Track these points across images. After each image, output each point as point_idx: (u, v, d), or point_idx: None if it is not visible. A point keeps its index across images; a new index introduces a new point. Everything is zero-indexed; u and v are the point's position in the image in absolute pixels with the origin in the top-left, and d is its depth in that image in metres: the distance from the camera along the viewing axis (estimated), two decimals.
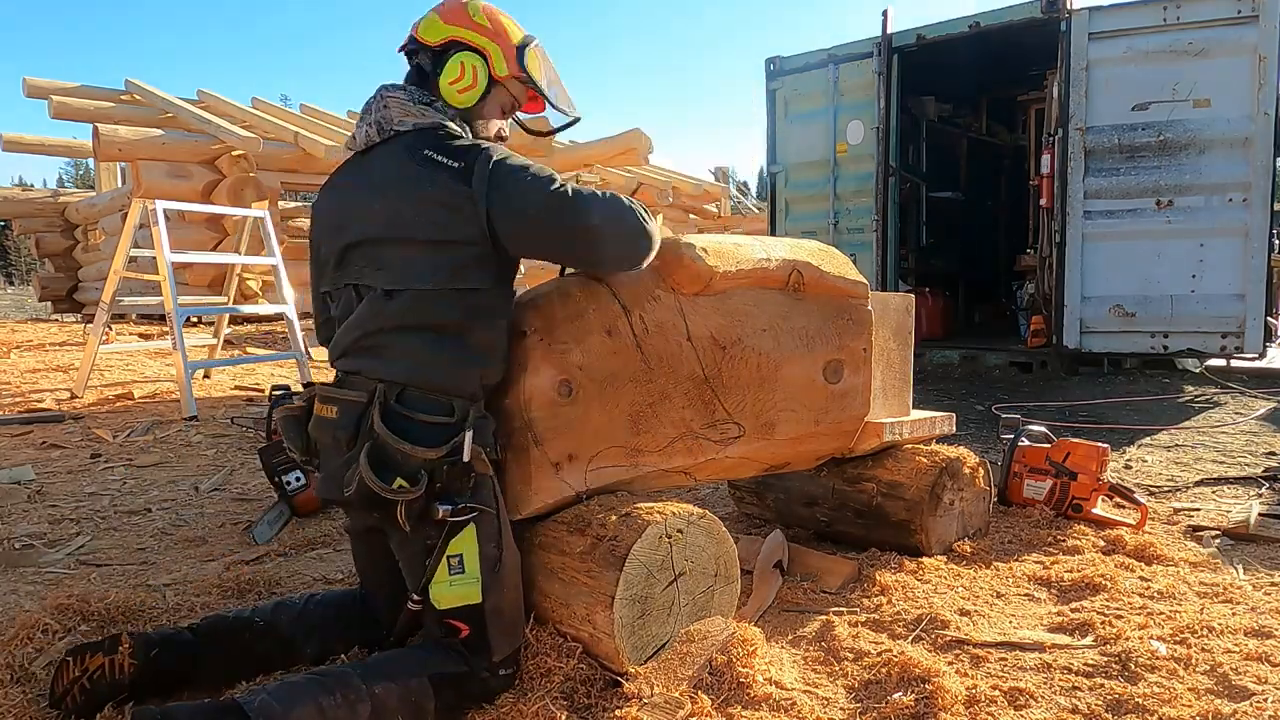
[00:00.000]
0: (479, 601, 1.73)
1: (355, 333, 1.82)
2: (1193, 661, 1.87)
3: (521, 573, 1.86)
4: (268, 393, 4.73)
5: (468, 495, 1.74)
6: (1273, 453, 4.10)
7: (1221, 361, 6.53)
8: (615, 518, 1.86)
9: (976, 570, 2.52)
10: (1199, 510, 3.17)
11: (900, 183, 7.51)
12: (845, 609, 2.25)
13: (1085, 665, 1.89)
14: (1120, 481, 3.15)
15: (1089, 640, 2.01)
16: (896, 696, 1.74)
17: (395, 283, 1.78)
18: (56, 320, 14.06)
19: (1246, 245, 5.92)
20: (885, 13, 7.06)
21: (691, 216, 17.18)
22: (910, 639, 2.04)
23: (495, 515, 1.78)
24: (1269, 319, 6.16)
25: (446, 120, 1.87)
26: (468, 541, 1.73)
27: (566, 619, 1.84)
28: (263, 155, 10.85)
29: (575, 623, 1.82)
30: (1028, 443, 3.16)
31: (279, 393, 3.27)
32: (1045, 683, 1.82)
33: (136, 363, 6.84)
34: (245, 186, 10.49)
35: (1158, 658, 1.88)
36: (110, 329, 6.74)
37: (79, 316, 14.22)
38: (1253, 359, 6.18)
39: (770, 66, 7.88)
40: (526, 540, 1.95)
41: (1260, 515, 2.92)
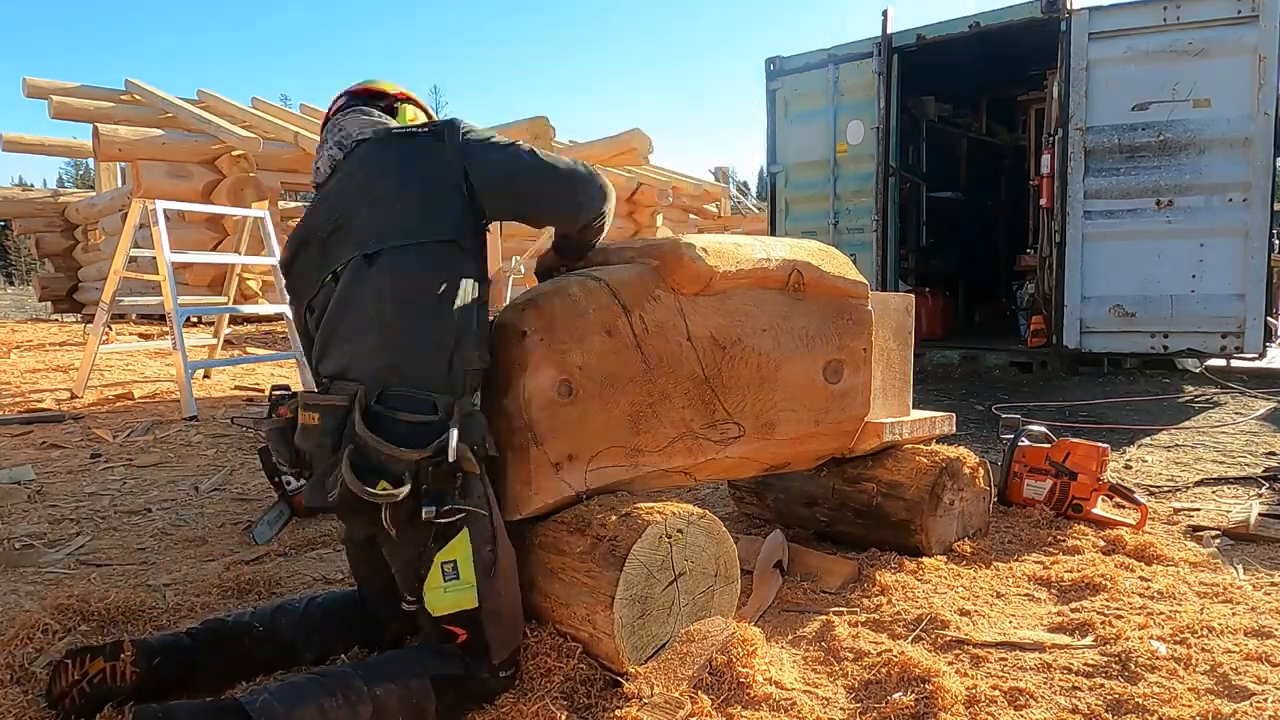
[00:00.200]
0: (475, 607, 1.72)
1: (332, 324, 1.82)
2: (1193, 661, 1.87)
3: (521, 573, 1.85)
4: (268, 393, 4.71)
5: (454, 497, 1.70)
6: (1273, 453, 4.10)
7: (1221, 361, 6.53)
8: (615, 518, 1.86)
9: (976, 570, 2.52)
10: (1199, 510, 3.17)
11: (900, 183, 7.51)
12: (845, 609, 2.25)
13: (1085, 665, 1.89)
14: (1120, 481, 3.15)
15: (1089, 640, 2.01)
16: (896, 696, 1.74)
17: (371, 243, 1.80)
18: (56, 320, 14.04)
19: (1246, 245, 5.92)
20: (885, 13, 7.06)
21: (691, 216, 17.18)
22: (910, 639, 2.04)
23: (488, 517, 1.76)
24: (1269, 319, 6.16)
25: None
26: (461, 547, 1.71)
27: (566, 619, 1.84)
28: (263, 155, 10.84)
29: (575, 623, 1.82)
30: (1028, 443, 3.16)
31: (279, 393, 3.26)
32: (1045, 683, 1.82)
33: (136, 363, 6.83)
34: (245, 186, 10.48)
35: (1158, 658, 1.88)
36: (110, 329, 6.74)
37: (79, 316, 14.20)
38: (1253, 359, 6.18)
39: (770, 66, 7.88)
40: (526, 540, 1.95)
41: (1260, 515, 2.92)
